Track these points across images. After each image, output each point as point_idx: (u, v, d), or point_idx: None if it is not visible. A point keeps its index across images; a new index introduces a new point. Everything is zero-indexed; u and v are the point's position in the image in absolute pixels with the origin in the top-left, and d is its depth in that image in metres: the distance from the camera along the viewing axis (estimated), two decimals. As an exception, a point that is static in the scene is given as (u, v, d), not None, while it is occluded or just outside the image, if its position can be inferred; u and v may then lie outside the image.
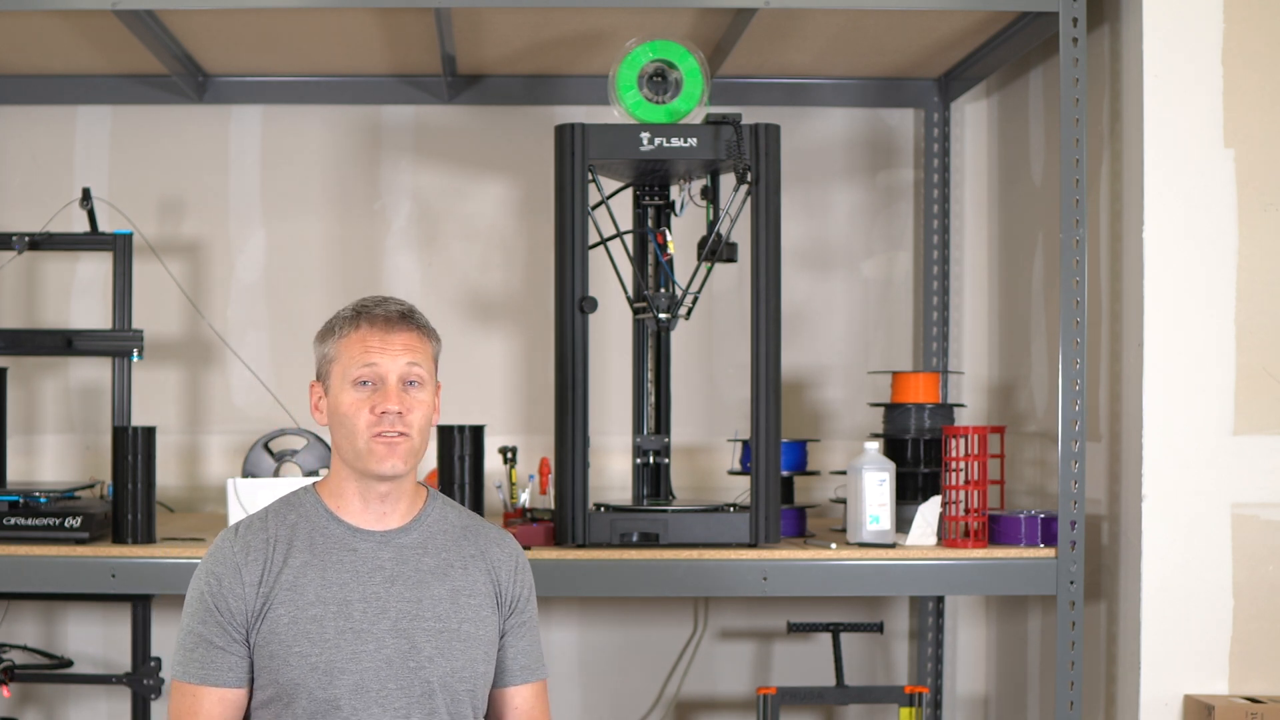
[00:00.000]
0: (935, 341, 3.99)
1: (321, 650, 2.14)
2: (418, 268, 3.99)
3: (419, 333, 2.24)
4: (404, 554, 2.23)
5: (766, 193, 3.12)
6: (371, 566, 2.20)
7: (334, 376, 2.21)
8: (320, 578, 2.18)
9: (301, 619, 2.15)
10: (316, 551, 2.20)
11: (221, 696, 2.15)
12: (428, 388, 2.23)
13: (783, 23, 3.37)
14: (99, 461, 3.87)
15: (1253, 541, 3.04)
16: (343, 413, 2.19)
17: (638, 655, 3.99)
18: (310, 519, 2.23)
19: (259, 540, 2.19)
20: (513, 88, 3.95)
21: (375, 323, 2.21)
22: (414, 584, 2.21)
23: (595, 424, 3.41)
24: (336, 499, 2.24)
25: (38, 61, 3.74)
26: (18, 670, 3.50)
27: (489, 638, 2.26)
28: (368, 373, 2.18)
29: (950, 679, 4.02)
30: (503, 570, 2.30)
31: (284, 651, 2.14)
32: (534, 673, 2.33)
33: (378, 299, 2.25)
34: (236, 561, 2.17)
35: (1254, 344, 3.06)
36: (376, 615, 2.18)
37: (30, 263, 3.89)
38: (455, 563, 2.26)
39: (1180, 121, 3.05)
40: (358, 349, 2.19)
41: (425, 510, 2.29)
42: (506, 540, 2.34)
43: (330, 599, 2.17)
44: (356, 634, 2.16)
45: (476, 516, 2.36)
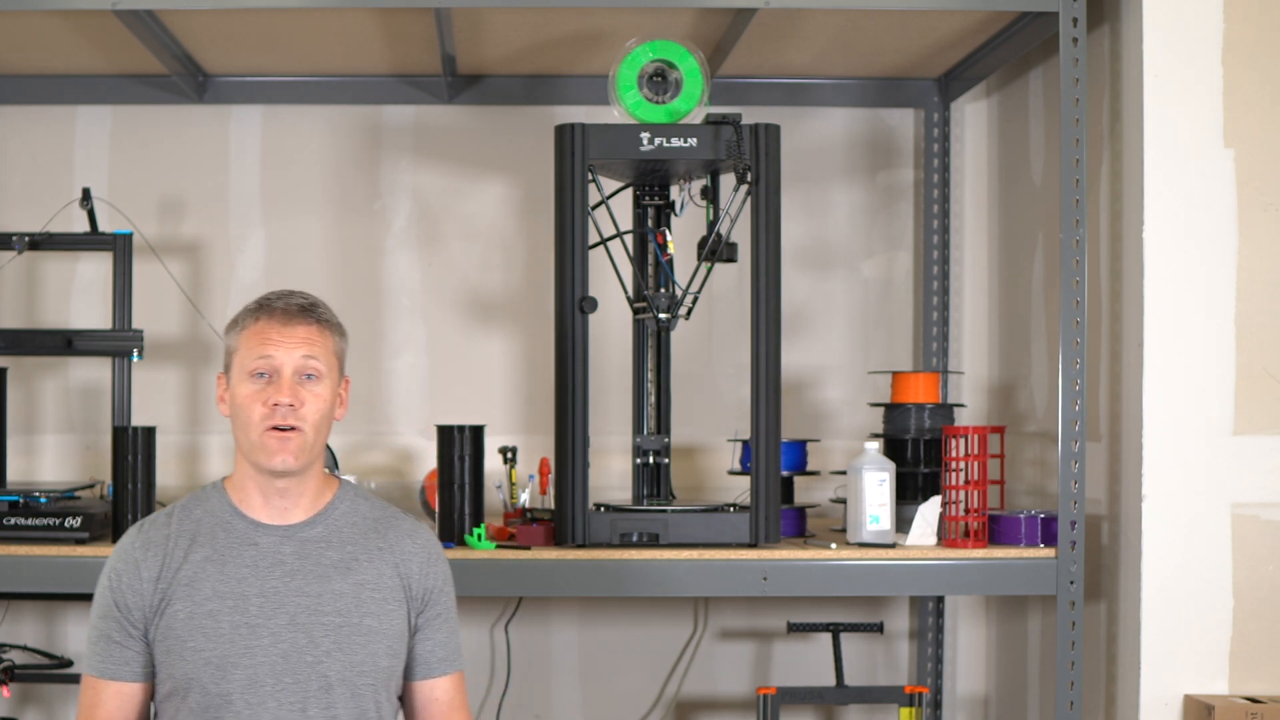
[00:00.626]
0: (935, 341, 3.99)
1: (215, 645, 2.16)
2: (418, 268, 3.99)
3: (320, 326, 2.26)
4: (306, 548, 2.24)
5: (766, 193, 3.12)
6: (272, 561, 2.22)
7: (234, 368, 2.23)
8: (219, 573, 2.20)
9: (198, 614, 2.18)
10: (218, 547, 2.22)
11: (119, 690, 2.19)
12: (325, 381, 2.24)
13: (783, 23, 3.37)
14: (99, 461, 3.87)
15: (1253, 541, 3.04)
16: (239, 404, 2.21)
17: (638, 655, 3.99)
18: (215, 514, 2.25)
19: (160, 537, 2.23)
20: (513, 88, 3.95)
21: (275, 315, 2.22)
22: (315, 578, 2.22)
23: (595, 424, 3.40)
24: (240, 493, 2.27)
25: (38, 61, 3.74)
26: (18, 670, 3.50)
27: (394, 632, 2.27)
28: (263, 364, 2.20)
29: (950, 679, 4.02)
30: (413, 564, 2.31)
31: (179, 646, 2.17)
32: (452, 664, 2.35)
33: (283, 292, 2.28)
34: (136, 558, 2.21)
35: (1254, 344, 3.06)
36: (273, 610, 2.19)
37: (30, 263, 3.89)
38: (361, 556, 2.27)
39: (1180, 121, 3.05)
40: (256, 341, 2.21)
41: (333, 503, 2.30)
42: (420, 533, 2.35)
43: (227, 594, 2.19)
44: (251, 628, 2.18)
45: (391, 509, 2.36)
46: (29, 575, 3.05)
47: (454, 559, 3.07)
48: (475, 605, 3.92)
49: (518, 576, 3.08)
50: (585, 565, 3.08)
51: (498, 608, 3.93)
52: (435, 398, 3.97)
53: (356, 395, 3.94)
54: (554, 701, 3.98)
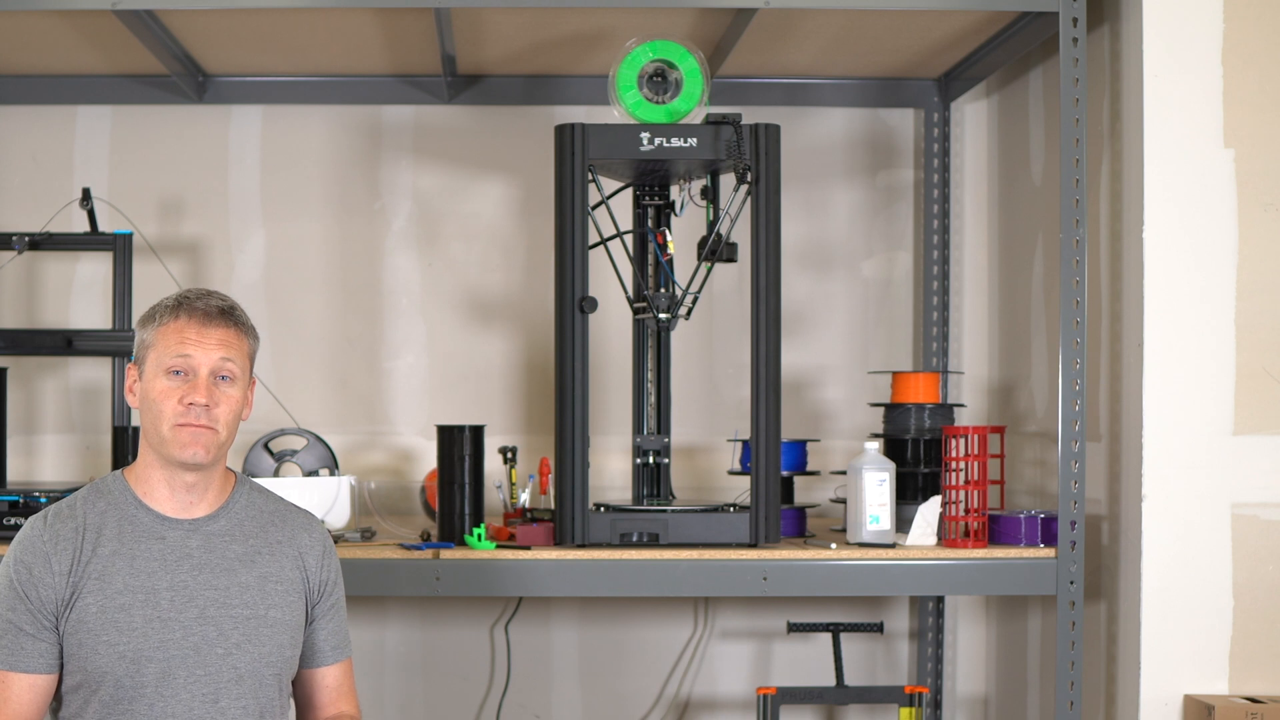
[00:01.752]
0: (935, 341, 3.99)
1: (129, 639, 2.18)
2: (418, 268, 3.99)
3: (237, 330, 2.29)
4: (212, 541, 2.28)
5: (766, 193, 3.12)
6: (179, 554, 2.25)
7: (149, 362, 2.25)
8: (129, 566, 2.22)
9: (110, 608, 2.19)
10: (125, 540, 2.24)
11: (31, 683, 2.19)
12: (239, 383, 2.28)
13: (783, 23, 3.37)
14: (99, 461, 3.87)
15: (1253, 541, 3.04)
16: (153, 398, 2.23)
17: (638, 655, 3.99)
18: (119, 507, 2.26)
19: (68, 529, 2.23)
20: (513, 88, 3.95)
21: (194, 315, 2.25)
22: (222, 571, 2.26)
23: (595, 424, 3.41)
24: (144, 486, 2.28)
25: (38, 61, 3.74)
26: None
27: (296, 622, 2.33)
28: (181, 363, 2.23)
29: (950, 679, 4.02)
30: (310, 556, 2.36)
31: (92, 640, 2.18)
32: (343, 652, 2.41)
33: (201, 292, 2.29)
34: (46, 550, 2.21)
35: (1254, 344, 3.06)
36: (184, 603, 2.22)
37: (30, 263, 3.89)
38: (263, 549, 2.32)
39: (1180, 121, 3.05)
40: (174, 339, 2.23)
41: (233, 497, 2.34)
42: (314, 525, 2.40)
43: (138, 587, 2.21)
44: (164, 622, 2.21)
45: (285, 501, 2.41)
46: (29, 575, 3.04)
47: (454, 559, 3.08)
48: (475, 605, 3.92)
49: (518, 576, 3.08)
50: (585, 565, 3.08)
51: (498, 608, 3.93)
52: (435, 398, 3.97)
53: (357, 395, 3.96)
54: (554, 701, 3.98)
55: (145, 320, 2.29)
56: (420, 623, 3.92)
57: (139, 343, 2.29)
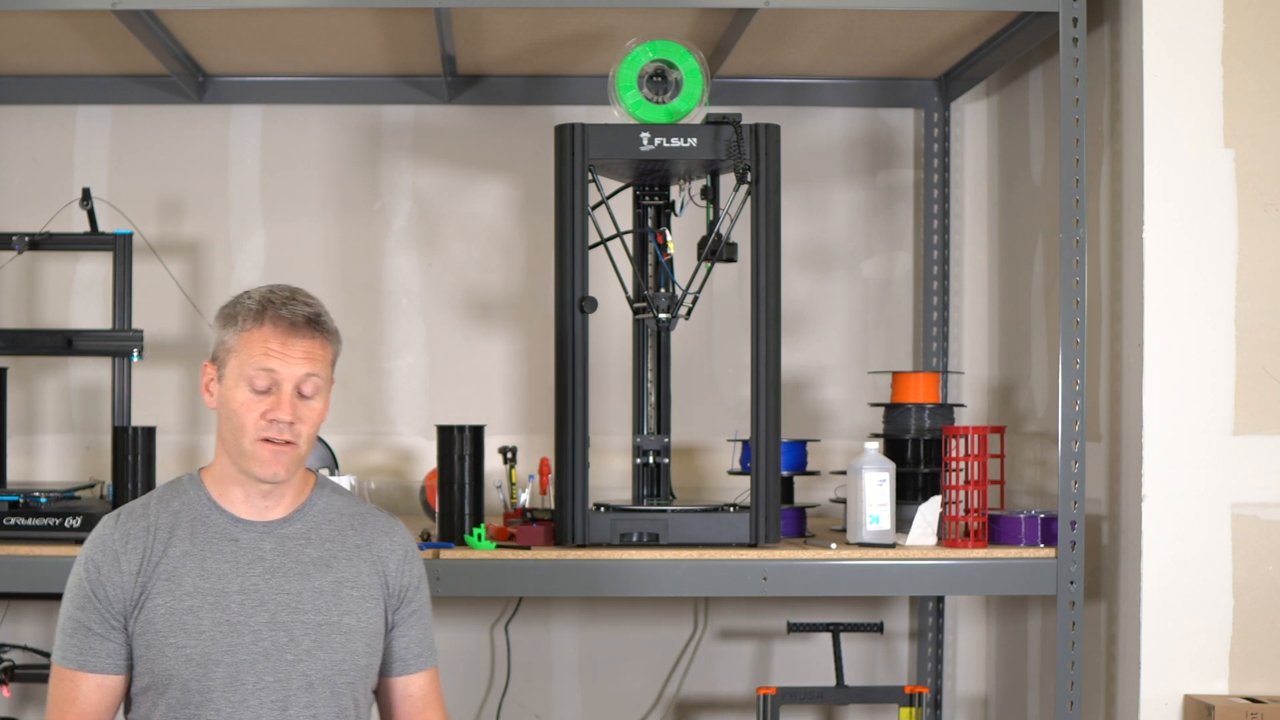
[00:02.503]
0: (935, 341, 3.99)
1: (197, 642, 2.13)
2: (418, 268, 3.99)
3: (322, 339, 2.22)
4: (286, 545, 2.22)
5: (766, 193, 3.12)
6: (252, 557, 2.20)
7: (230, 367, 2.18)
8: (199, 568, 2.17)
9: (178, 610, 2.14)
10: (197, 541, 2.19)
11: (100, 683, 2.15)
12: (323, 394, 2.22)
13: (783, 23, 3.37)
14: (99, 461, 3.87)
15: (1253, 541, 3.04)
16: (233, 409, 2.17)
17: (638, 655, 3.99)
18: (193, 507, 2.22)
19: (139, 528, 2.19)
20: (513, 88, 3.95)
21: (279, 324, 2.17)
22: (295, 575, 2.20)
23: (595, 424, 3.41)
24: (220, 488, 2.23)
25: (38, 61, 3.74)
26: (18, 670, 3.49)
27: (373, 630, 2.25)
28: (263, 377, 2.16)
29: (950, 679, 4.02)
30: (390, 560, 2.29)
31: (159, 642, 2.14)
32: (427, 660, 2.33)
33: (286, 294, 2.21)
34: (116, 549, 2.16)
35: (1254, 344, 3.06)
36: (254, 607, 2.17)
37: (30, 263, 3.89)
38: (339, 554, 2.25)
39: (1180, 121, 3.05)
40: (258, 349, 2.16)
41: (311, 499, 2.28)
42: (396, 529, 2.33)
43: (208, 590, 2.16)
44: (232, 626, 2.15)
45: (366, 505, 2.35)
46: (29, 575, 3.05)
47: (454, 559, 3.08)
48: (475, 605, 3.92)
49: (518, 576, 3.08)
50: (585, 565, 3.08)
51: (498, 608, 3.93)
52: (435, 398, 3.97)
53: (357, 395, 3.96)
54: (554, 701, 3.98)
55: (227, 320, 2.20)
56: (420, 623, 3.93)
57: (218, 342, 2.21)
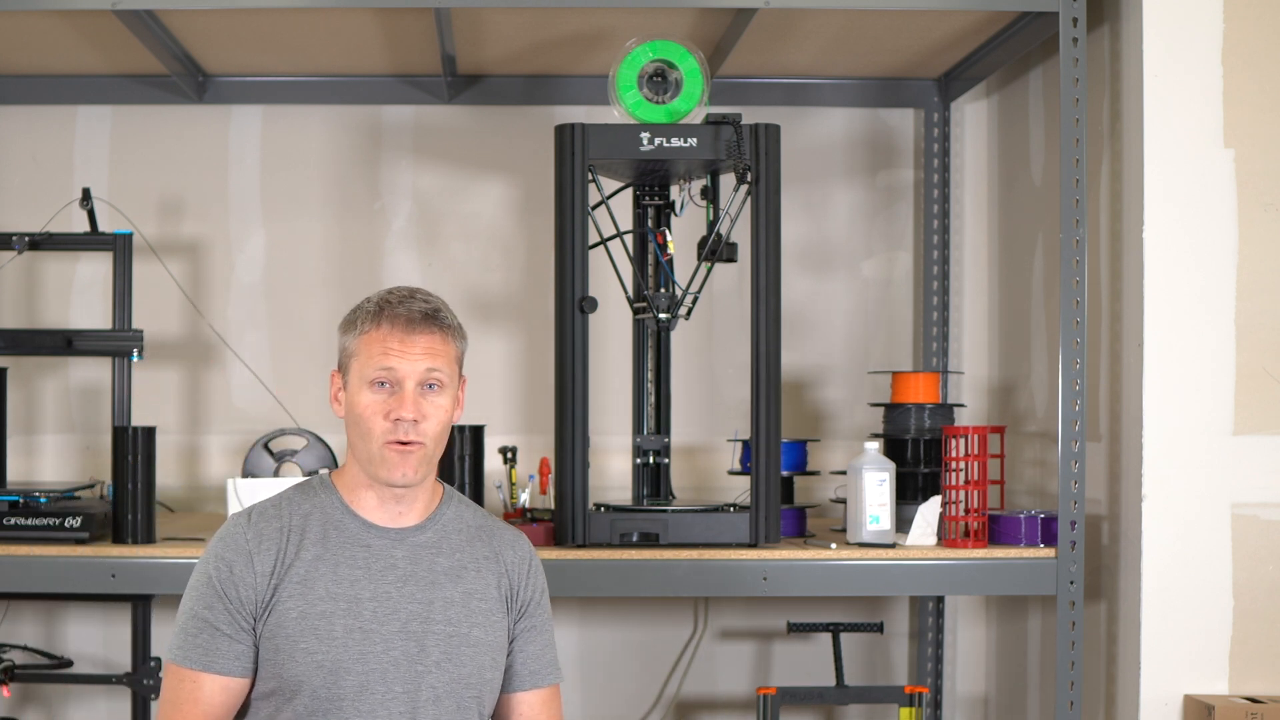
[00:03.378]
0: (935, 341, 3.99)
1: (329, 648, 2.09)
2: (418, 268, 3.99)
3: (442, 334, 2.17)
4: (418, 553, 2.18)
5: (766, 193, 3.12)
6: (384, 565, 2.15)
7: (352, 372, 2.16)
8: (332, 573, 2.13)
9: (310, 614, 2.10)
10: (329, 545, 2.14)
11: (225, 685, 2.10)
12: (448, 391, 2.17)
13: (783, 23, 3.37)
14: (99, 461, 3.87)
15: (1253, 541, 3.04)
16: (358, 413, 2.14)
17: (638, 655, 3.99)
18: (325, 510, 2.18)
19: (273, 528, 2.14)
20: (513, 88, 3.95)
21: (397, 323, 2.14)
22: (426, 584, 2.16)
23: (595, 424, 3.40)
24: (352, 493, 2.19)
25: (38, 61, 3.74)
26: (18, 670, 3.50)
27: (498, 643, 2.22)
28: (385, 375, 2.13)
29: (950, 679, 4.02)
30: (516, 573, 2.25)
31: (290, 646, 2.09)
32: (543, 678, 2.27)
33: (404, 293, 2.18)
34: (249, 549, 2.12)
35: (1254, 344, 3.06)
36: (386, 615, 2.13)
37: (30, 263, 3.89)
38: (469, 564, 2.21)
39: (1180, 121, 3.05)
40: (377, 349, 2.13)
41: (441, 509, 2.24)
42: (521, 542, 2.30)
43: (340, 595, 2.11)
44: (364, 633, 2.11)
45: (491, 516, 2.32)
46: (29, 575, 3.05)
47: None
48: (475, 605, 3.92)
49: (518, 576, 3.08)
50: (585, 565, 3.08)
51: (498, 608, 3.92)
52: (435, 398, 3.97)
53: (356, 395, 3.95)
54: (554, 701, 3.97)
55: (347, 325, 2.18)
56: (420, 623, 3.93)
57: (342, 349, 2.18)
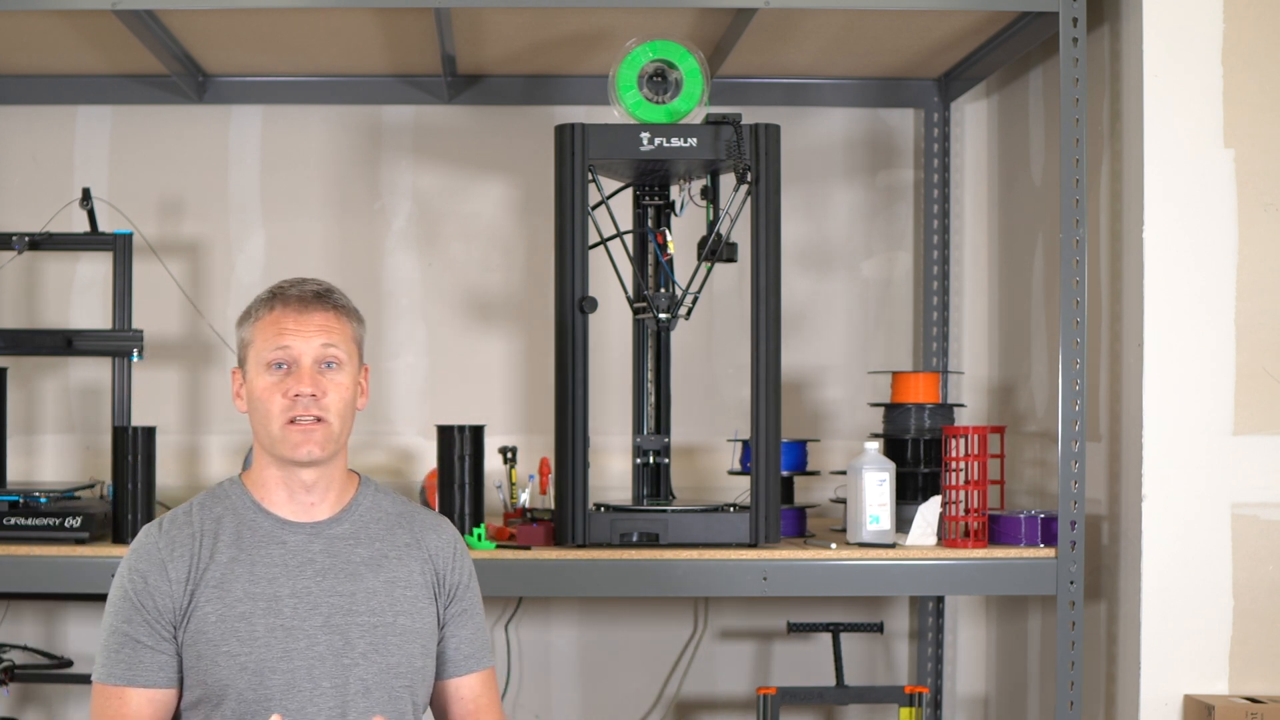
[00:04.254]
0: (935, 341, 3.99)
1: (251, 649, 2.08)
2: (418, 268, 3.99)
3: (336, 313, 2.17)
4: (335, 545, 2.17)
5: (766, 193, 3.12)
6: (301, 560, 2.14)
7: (250, 361, 2.15)
8: (248, 573, 2.11)
9: (230, 616, 2.08)
10: (244, 546, 2.13)
11: (151, 697, 2.08)
12: (346, 369, 2.16)
13: (783, 23, 3.37)
14: (99, 461, 3.87)
15: (1253, 541, 3.04)
16: (257, 397, 2.13)
17: (638, 655, 3.99)
18: (237, 511, 2.16)
19: (184, 535, 2.14)
20: (513, 88, 3.95)
21: (290, 303, 2.15)
22: (347, 577, 2.15)
23: (595, 424, 3.41)
24: (261, 490, 2.18)
25: (38, 61, 3.74)
26: (18, 670, 3.50)
27: (427, 630, 2.20)
28: (281, 355, 2.12)
29: (950, 679, 4.02)
30: (440, 558, 2.24)
31: (212, 651, 2.07)
32: (479, 661, 2.27)
33: (295, 280, 2.19)
34: (162, 557, 2.11)
35: (1254, 344, 3.06)
36: (308, 611, 2.11)
37: (30, 263, 3.89)
38: (390, 553, 2.20)
39: (1180, 121, 3.05)
40: (272, 331, 2.13)
41: (357, 499, 2.23)
42: (443, 526, 2.29)
43: (259, 595, 2.10)
44: (287, 631, 2.09)
45: (410, 503, 2.30)
46: (29, 575, 3.05)
47: (454, 559, 3.08)
48: (475, 605, 3.92)
49: (518, 576, 3.08)
50: (585, 565, 3.08)
51: (498, 608, 3.92)
52: (435, 398, 3.97)
53: (356, 395, 3.95)
54: (554, 701, 3.98)
55: (242, 319, 2.19)
56: (420, 623, 3.93)
57: (239, 343, 2.19)
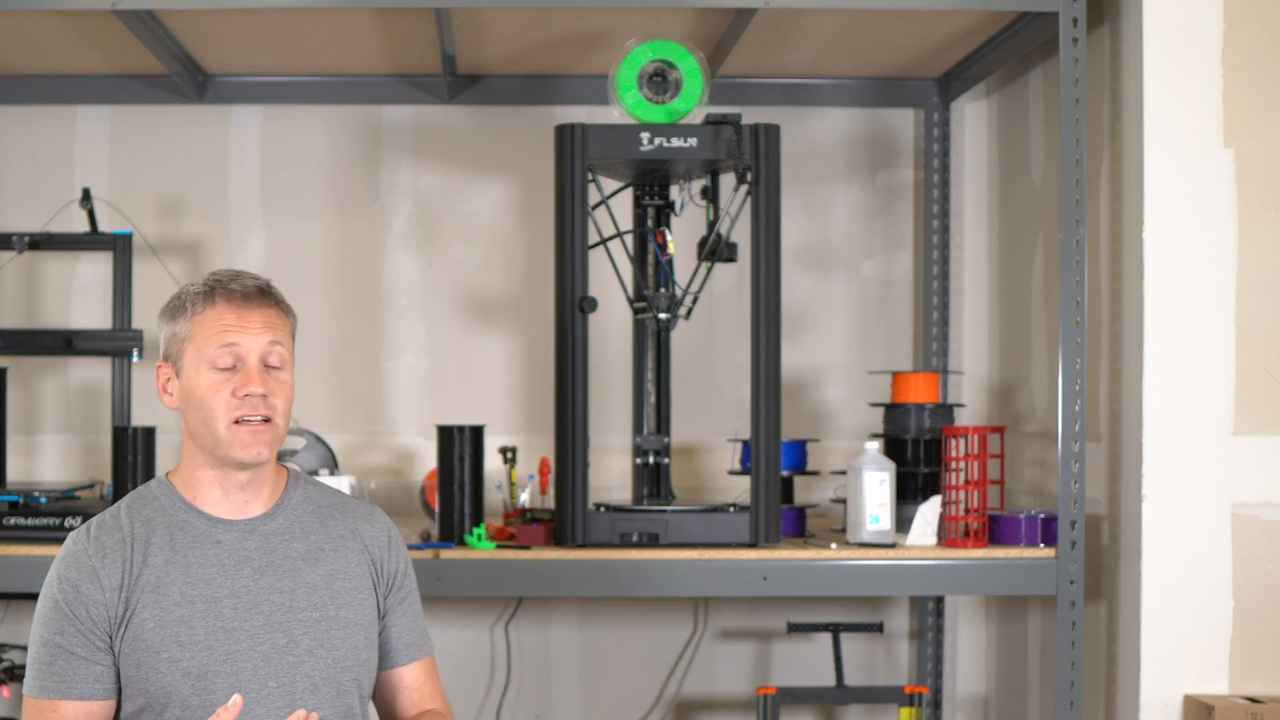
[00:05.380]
0: (935, 341, 3.99)
1: (193, 654, 2.00)
2: (418, 268, 3.99)
3: (278, 309, 2.10)
4: (271, 542, 2.10)
5: (766, 193, 3.12)
6: (238, 559, 2.07)
7: (187, 357, 2.05)
8: (184, 575, 2.04)
9: (168, 621, 2.01)
10: (178, 547, 2.05)
11: (88, 710, 2.00)
12: (289, 367, 2.10)
13: (783, 22, 3.37)
14: (99, 461, 3.87)
15: (1253, 541, 3.04)
16: (200, 396, 2.04)
17: (638, 655, 3.99)
18: (167, 513, 2.08)
19: (115, 540, 2.05)
20: (513, 88, 3.95)
21: (232, 299, 2.06)
22: (285, 573, 2.09)
23: (595, 424, 3.41)
24: (193, 489, 2.10)
25: (38, 61, 3.74)
26: (18, 670, 3.50)
27: (369, 621, 2.15)
28: (226, 354, 2.04)
29: (950, 679, 4.02)
30: (376, 547, 2.19)
31: (152, 658, 2.00)
32: (420, 649, 2.22)
33: (231, 273, 2.10)
34: (93, 565, 2.02)
35: (1254, 344, 3.06)
36: (248, 611, 2.05)
37: (30, 263, 3.89)
38: (326, 545, 2.14)
39: (1180, 121, 3.05)
40: (214, 328, 2.04)
41: (288, 493, 2.16)
42: (376, 515, 2.24)
43: (197, 597, 2.03)
44: (228, 633, 2.03)
45: (342, 494, 2.25)
46: (29, 575, 3.05)
47: (454, 559, 3.08)
48: (475, 605, 3.92)
49: (518, 576, 3.08)
50: (585, 565, 3.08)
51: (498, 608, 3.93)
52: (435, 398, 3.97)
53: (357, 395, 3.96)
54: (554, 701, 3.98)
55: (174, 311, 2.08)
56: (420, 623, 3.93)
57: (169, 337, 2.08)
